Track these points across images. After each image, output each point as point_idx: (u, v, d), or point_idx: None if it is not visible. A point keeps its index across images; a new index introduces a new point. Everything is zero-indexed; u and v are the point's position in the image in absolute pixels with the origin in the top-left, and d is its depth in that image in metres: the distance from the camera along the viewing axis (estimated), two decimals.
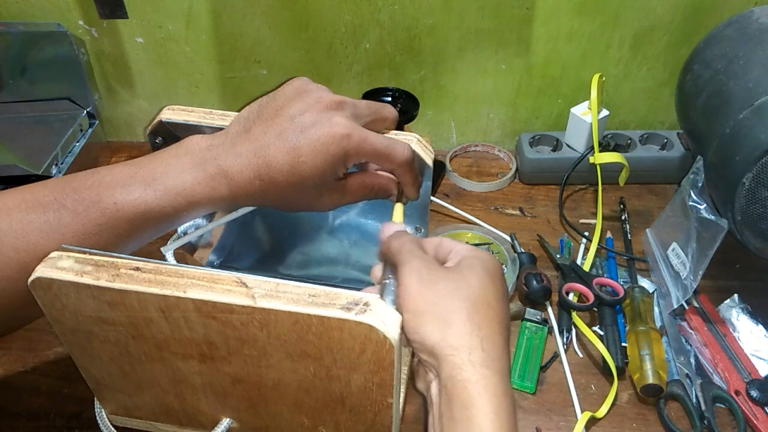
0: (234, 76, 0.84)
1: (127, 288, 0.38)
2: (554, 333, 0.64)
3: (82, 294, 0.38)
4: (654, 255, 0.69)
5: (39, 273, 0.38)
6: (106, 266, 0.38)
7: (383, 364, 0.38)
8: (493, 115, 0.87)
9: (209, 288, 0.37)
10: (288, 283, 0.38)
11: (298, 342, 0.39)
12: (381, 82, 0.79)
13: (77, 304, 0.39)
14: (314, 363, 0.40)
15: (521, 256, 0.70)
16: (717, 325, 0.63)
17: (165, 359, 0.43)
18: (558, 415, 0.57)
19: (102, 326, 0.41)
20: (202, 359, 0.42)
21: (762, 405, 0.56)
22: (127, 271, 0.38)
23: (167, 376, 0.44)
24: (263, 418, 0.47)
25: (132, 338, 0.41)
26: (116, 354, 0.43)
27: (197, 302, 0.37)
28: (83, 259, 0.39)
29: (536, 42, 0.80)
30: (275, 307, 0.37)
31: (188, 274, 0.38)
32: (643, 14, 0.77)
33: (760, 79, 0.57)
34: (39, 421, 0.56)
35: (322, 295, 0.37)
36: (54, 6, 0.77)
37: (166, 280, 0.38)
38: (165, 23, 0.78)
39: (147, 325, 0.40)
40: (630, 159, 0.76)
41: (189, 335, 0.40)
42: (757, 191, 0.55)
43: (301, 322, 0.37)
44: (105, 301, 0.39)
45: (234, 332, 0.39)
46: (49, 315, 0.41)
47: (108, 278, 0.38)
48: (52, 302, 0.40)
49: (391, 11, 0.77)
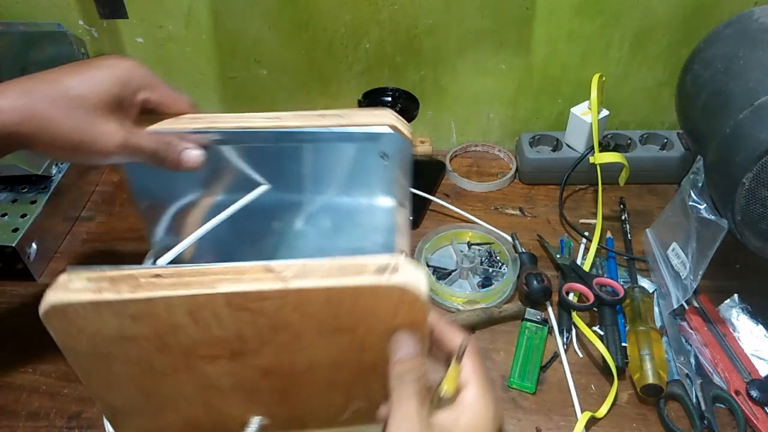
0: (234, 76, 0.84)
1: (152, 296, 0.36)
2: (554, 333, 0.64)
3: (102, 313, 0.36)
4: (654, 255, 0.69)
5: (52, 300, 0.35)
6: (123, 279, 0.37)
7: (416, 324, 0.38)
8: (493, 115, 0.87)
9: (237, 280, 0.36)
10: (313, 261, 0.37)
11: (331, 318, 0.38)
12: (381, 82, 0.79)
13: (96, 326, 0.37)
14: (348, 336, 0.40)
15: (522, 256, 0.70)
16: (717, 325, 0.63)
17: (192, 367, 0.41)
18: (558, 415, 0.57)
19: (123, 345, 0.39)
20: (232, 357, 0.41)
21: (762, 405, 0.56)
22: (147, 279, 0.36)
23: (194, 385, 0.43)
24: (295, 407, 0.47)
25: (156, 351, 0.39)
26: (138, 374, 0.41)
27: (228, 296, 0.36)
28: (96, 277, 0.37)
29: (536, 42, 0.80)
30: (308, 285, 0.36)
31: (211, 271, 0.37)
32: (643, 14, 0.77)
33: (760, 79, 0.57)
34: (39, 421, 0.56)
35: (351, 265, 0.37)
36: (54, 6, 0.77)
37: (191, 281, 0.37)
38: (165, 23, 0.78)
39: (173, 332, 0.38)
40: (630, 159, 0.76)
41: (219, 334, 0.39)
42: (757, 191, 0.55)
43: (335, 296, 0.37)
44: (128, 315, 0.37)
45: (267, 320, 0.38)
46: (63, 345, 0.38)
47: (129, 290, 0.36)
48: (67, 329, 0.37)
49: (391, 11, 0.77)
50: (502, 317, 0.65)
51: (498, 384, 0.59)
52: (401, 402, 0.37)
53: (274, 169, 0.53)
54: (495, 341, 0.63)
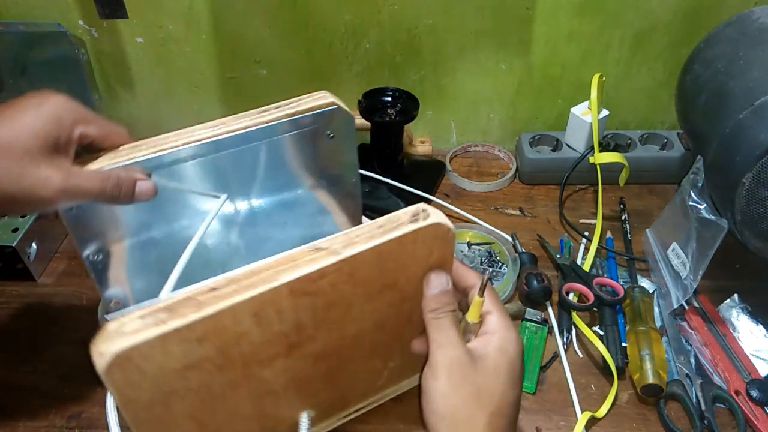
0: (234, 76, 0.83)
1: (220, 308, 0.35)
2: (554, 333, 0.64)
3: (168, 345, 0.35)
4: (654, 255, 0.69)
5: (114, 350, 0.33)
6: (180, 304, 0.36)
7: (445, 256, 0.43)
8: (493, 115, 0.87)
9: (295, 266, 0.38)
10: (352, 229, 0.40)
11: (377, 277, 0.41)
12: (381, 82, 0.79)
13: (160, 363, 0.36)
14: (390, 292, 0.43)
15: (522, 256, 0.70)
16: (717, 325, 0.63)
17: (250, 376, 0.41)
18: (558, 415, 0.57)
19: (185, 375, 0.38)
20: (289, 351, 0.42)
21: (762, 405, 0.56)
22: (206, 296, 0.36)
23: (250, 398, 0.43)
24: (339, 387, 0.49)
25: (218, 371, 0.39)
26: (196, 404, 0.40)
27: (291, 284, 0.37)
28: (149, 312, 0.35)
29: (536, 42, 0.80)
30: (359, 249, 0.38)
31: (265, 267, 0.38)
32: (643, 14, 0.77)
33: (760, 79, 0.57)
34: (39, 421, 0.56)
35: (386, 222, 0.40)
36: (54, 6, 0.77)
37: (252, 282, 0.37)
38: (165, 23, 0.78)
39: (237, 343, 0.38)
40: (630, 159, 0.76)
41: (279, 329, 0.39)
42: (757, 191, 0.55)
43: (383, 252, 0.39)
44: (194, 339, 0.36)
45: (323, 299, 0.40)
46: (125, 399, 0.36)
47: (194, 311, 0.35)
48: (130, 379, 0.35)
49: (391, 11, 0.77)
50: None
51: None
52: (441, 331, 0.41)
53: (226, 176, 0.52)
54: None
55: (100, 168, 0.44)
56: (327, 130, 0.53)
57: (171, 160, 0.47)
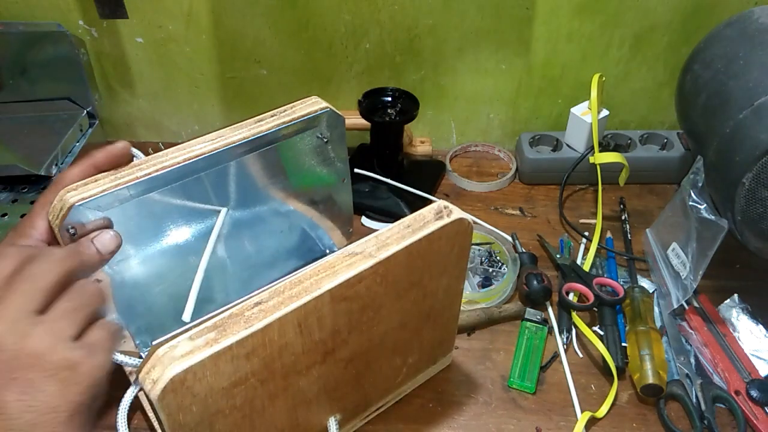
0: (234, 76, 0.84)
1: (269, 321, 0.36)
2: (554, 333, 0.64)
3: (219, 363, 0.35)
4: (654, 255, 0.69)
5: (170, 374, 0.33)
6: (227, 322, 0.36)
7: (463, 249, 0.45)
8: (493, 115, 0.87)
9: (334, 273, 0.39)
10: (381, 232, 0.41)
11: (407, 276, 0.43)
12: (381, 82, 0.79)
13: (211, 383, 0.36)
14: (416, 290, 0.44)
15: (522, 256, 0.70)
16: (717, 325, 0.63)
17: (288, 387, 0.42)
18: (558, 415, 0.57)
19: (231, 393, 0.38)
20: (324, 358, 0.42)
21: (762, 405, 0.56)
22: (251, 312, 0.37)
23: (286, 407, 0.43)
24: (364, 388, 0.49)
25: (261, 384, 0.39)
26: (238, 421, 0.40)
27: (332, 291, 0.38)
28: (197, 333, 0.35)
29: (536, 42, 0.80)
30: (393, 251, 0.40)
31: (305, 277, 0.39)
32: (643, 14, 0.77)
33: (760, 79, 0.57)
34: None
35: (412, 221, 0.42)
36: (54, 6, 0.77)
37: (296, 292, 0.38)
38: (165, 23, 0.78)
39: (280, 355, 0.39)
40: (630, 159, 0.76)
41: (318, 337, 0.40)
42: (757, 191, 0.55)
43: (413, 252, 0.41)
44: (243, 355, 0.36)
45: (358, 303, 0.41)
46: (175, 424, 0.36)
47: (244, 327, 0.36)
48: (182, 403, 0.35)
49: (391, 11, 0.77)
50: (502, 317, 0.65)
51: (498, 384, 0.59)
52: None
53: (224, 188, 0.53)
54: (495, 341, 0.63)
55: (102, 192, 0.43)
56: (320, 133, 0.54)
57: (173, 177, 0.46)
